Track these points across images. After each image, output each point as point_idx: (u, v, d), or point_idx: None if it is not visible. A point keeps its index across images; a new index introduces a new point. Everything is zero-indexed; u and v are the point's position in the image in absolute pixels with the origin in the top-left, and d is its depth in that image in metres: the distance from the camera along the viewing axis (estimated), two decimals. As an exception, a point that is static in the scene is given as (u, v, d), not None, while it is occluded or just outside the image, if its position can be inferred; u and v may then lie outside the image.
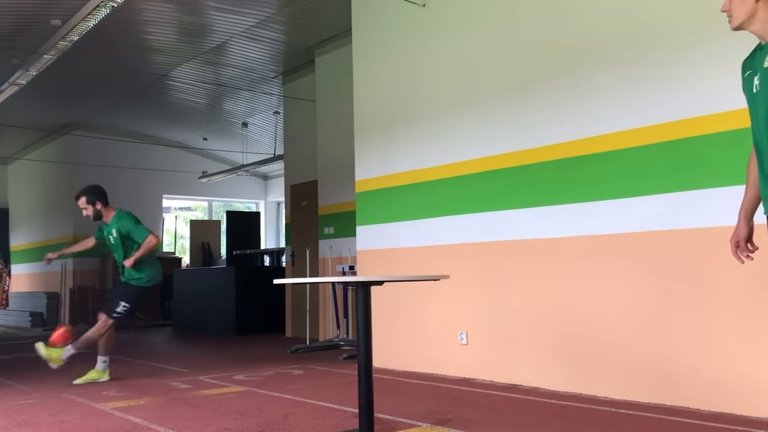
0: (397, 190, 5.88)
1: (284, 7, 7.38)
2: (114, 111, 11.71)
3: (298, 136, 9.43)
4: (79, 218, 12.88)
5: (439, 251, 5.46)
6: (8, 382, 5.55)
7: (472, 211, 5.20)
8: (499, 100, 5.04)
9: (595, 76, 4.41)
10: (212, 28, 7.99)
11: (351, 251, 7.47)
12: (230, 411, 4.11)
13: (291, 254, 9.13)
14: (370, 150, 6.19)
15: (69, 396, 4.82)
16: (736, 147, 3.68)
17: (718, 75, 3.80)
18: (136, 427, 3.74)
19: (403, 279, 3.60)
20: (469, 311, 5.17)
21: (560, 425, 3.55)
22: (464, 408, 4.00)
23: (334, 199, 8.11)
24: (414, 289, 5.57)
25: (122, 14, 7.06)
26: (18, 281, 15.26)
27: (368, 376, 3.11)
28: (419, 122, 5.70)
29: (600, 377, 4.27)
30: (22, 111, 11.25)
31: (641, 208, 4.11)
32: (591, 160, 4.43)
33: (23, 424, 3.87)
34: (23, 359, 7.39)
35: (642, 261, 4.11)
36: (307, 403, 4.30)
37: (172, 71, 9.49)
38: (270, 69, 9.49)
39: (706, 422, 3.45)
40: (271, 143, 12.68)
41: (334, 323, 7.58)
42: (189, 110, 11.73)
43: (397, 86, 5.97)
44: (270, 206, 16.14)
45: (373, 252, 6.08)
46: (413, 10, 5.75)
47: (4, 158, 15.56)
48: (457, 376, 5.16)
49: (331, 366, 6.01)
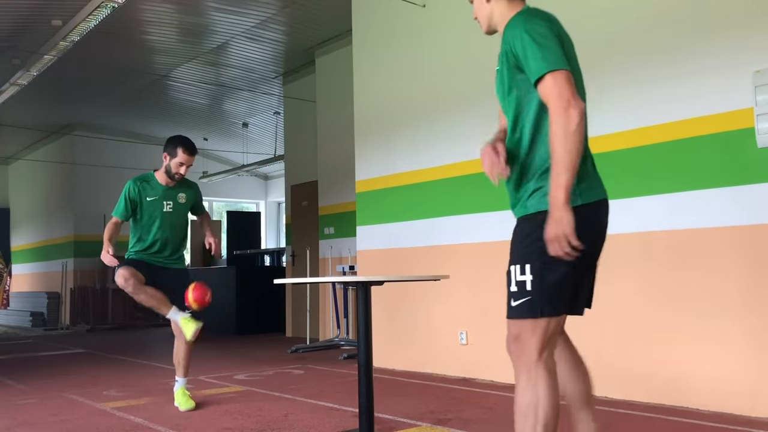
0: (397, 190, 5.88)
1: (284, 8, 7.39)
2: (114, 111, 11.72)
3: (299, 137, 9.44)
4: (79, 218, 13.00)
5: (439, 251, 5.46)
6: (9, 382, 5.56)
7: (472, 211, 5.20)
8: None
9: (595, 76, 4.40)
10: (213, 28, 7.99)
11: (351, 251, 7.48)
12: (230, 411, 4.11)
13: (291, 254, 9.14)
14: (370, 150, 6.20)
15: (69, 396, 4.82)
16: (737, 147, 3.69)
17: (718, 75, 3.81)
18: (136, 427, 3.75)
19: (403, 279, 3.60)
20: (469, 311, 5.17)
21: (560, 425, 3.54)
22: (464, 408, 4.00)
23: (335, 199, 8.12)
24: (414, 289, 5.58)
25: (123, 15, 7.07)
26: (18, 281, 15.28)
27: (368, 376, 3.11)
28: (419, 122, 5.70)
29: (599, 377, 4.26)
30: (22, 111, 11.27)
31: (641, 208, 4.12)
32: (591, 160, 4.42)
33: (24, 424, 3.88)
34: (23, 359, 7.40)
35: (642, 261, 4.11)
36: (307, 403, 4.30)
37: (172, 71, 9.50)
38: (270, 69, 9.50)
39: (706, 422, 3.45)
40: (271, 143, 12.69)
41: (334, 323, 7.59)
42: (189, 110, 11.74)
43: (397, 86, 5.97)
44: (270, 206, 16.15)
45: (373, 252, 6.09)
46: (413, 10, 5.75)
47: (5, 158, 15.57)
48: (457, 376, 5.16)
49: (331, 366, 6.02)
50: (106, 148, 12.76)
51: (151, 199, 4.21)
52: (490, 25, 2.30)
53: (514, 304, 2.07)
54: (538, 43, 1.99)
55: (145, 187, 4.23)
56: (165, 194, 4.26)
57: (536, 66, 1.98)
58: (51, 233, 13.76)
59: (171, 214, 4.26)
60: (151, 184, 4.25)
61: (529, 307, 2.01)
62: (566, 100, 1.93)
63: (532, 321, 2.01)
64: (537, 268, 2.00)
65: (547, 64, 1.96)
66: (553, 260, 1.95)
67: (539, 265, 1.99)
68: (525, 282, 2.02)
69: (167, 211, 4.25)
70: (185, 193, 4.37)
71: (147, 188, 4.23)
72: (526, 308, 2.02)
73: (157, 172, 4.30)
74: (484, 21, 2.30)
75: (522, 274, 2.03)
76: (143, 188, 4.22)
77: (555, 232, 1.91)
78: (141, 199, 4.20)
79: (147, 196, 4.21)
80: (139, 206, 4.20)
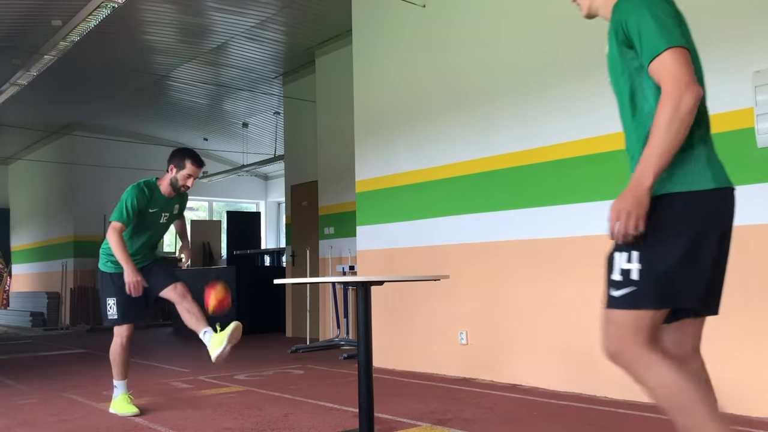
0: (397, 190, 5.88)
1: (284, 8, 7.39)
2: (114, 111, 11.72)
3: (299, 137, 9.44)
4: (79, 218, 13.00)
5: (439, 251, 5.46)
6: (9, 382, 5.56)
7: (472, 211, 5.20)
8: (500, 100, 5.04)
9: (596, 77, 4.41)
10: (212, 28, 7.99)
11: (351, 251, 7.48)
12: (230, 411, 4.11)
13: (291, 254, 9.14)
14: (370, 150, 6.20)
15: (69, 396, 4.82)
16: (737, 147, 3.69)
17: (718, 75, 3.80)
18: (136, 426, 3.75)
19: (403, 279, 3.60)
20: (469, 311, 5.17)
21: (560, 425, 3.56)
22: (464, 408, 4.00)
23: (335, 199, 8.12)
24: (414, 289, 5.58)
25: (123, 15, 7.07)
26: (18, 281, 15.28)
27: (368, 376, 3.11)
28: (419, 122, 5.70)
29: (600, 377, 4.27)
30: (22, 111, 11.26)
31: (641, 208, 4.11)
32: (591, 160, 4.43)
33: (24, 424, 3.88)
34: (23, 359, 7.40)
35: (642, 261, 4.10)
36: (307, 403, 4.30)
37: (172, 72, 9.50)
38: (270, 69, 9.50)
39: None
40: (271, 143, 12.69)
41: (334, 323, 7.59)
42: (189, 110, 11.74)
43: (397, 87, 5.97)
44: (270, 206, 16.15)
45: (373, 252, 6.09)
46: (413, 10, 5.75)
47: (4, 158, 15.57)
48: (457, 376, 5.16)
49: (331, 366, 6.02)
50: (106, 148, 12.76)
51: (153, 211, 4.12)
52: (591, 8, 2.14)
53: (616, 294, 1.87)
54: (656, 17, 1.80)
55: (151, 198, 4.11)
56: (164, 206, 4.19)
57: (653, 42, 1.79)
58: (51, 233, 13.76)
59: (163, 225, 4.25)
60: (155, 195, 4.14)
61: (634, 298, 1.82)
62: (684, 82, 1.75)
63: (636, 312, 1.83)
64: (647, 255, 1.80)
65: (666, 41, 1.78)
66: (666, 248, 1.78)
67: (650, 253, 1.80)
68: (630, 270, 1.82)
69: (162, 222, 4.22)
70: (179, 203, 4.31)
71: (152, 198, 4.12)
72: (631, 299, 1.83)
73: (161, 182, 4.17)
74: (585, 3, 2.15)
75: (628, 261, 1.83)
76: (150, 198, 4.10)
77: (627, 209, 1.77)
78: (146, 208, 4.08)
79: (150, 207, 4.10)
80: (141, 215, 4.07)
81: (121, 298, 4.04)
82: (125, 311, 4.07)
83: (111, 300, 4.06)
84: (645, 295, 1.82)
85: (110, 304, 4.06)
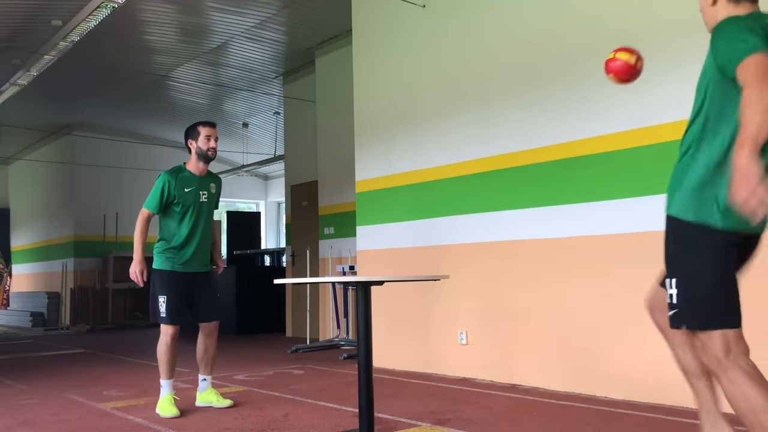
0: (397, 190, 5.88)
1: (284, 8, 7.39)
2: (114, 111, 11.71)
3: (299, 137, 9.44)
4: (79, 218, 13.00)
5: (439, 251, 5.46)
6: (9, 382, 5.56)
7: (472, 211, 5.20)
8: (499, 100, 5.04)
9: (596, 77, 4.41)
10: (212, 28, 7.99)
11: (351, 251, 7.48)
12: (230, 411, 4.11)
13: (291, 254, 9.14)
14: (370, 150, 6.20)
15: (69, 396, 4.82)
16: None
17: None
18: (136, 427, 3.75)
19: (403, 279, 3.61)
20: (469, 311, 5.17)
21: (560, 425, 3.56)
22: (464, 408, 4.00)
23: (334, 199, 8.12)
24: (414, 289, 5.58)
25: (123, 15, 7.07)
26: (19, 281, 15.28)
27: (368, 376, 3.12)
28: (419, 122, 5.71)
29: (599, 377, 4.28)
30: (22, 111, 11.26)
31: (641, 208, 4.12)
32: (591, 160, 4.43)
33: (24, 424, 3.88)
34: (23, 359, 7.41)
35: (642, 261, 4.10)
36: (307, 403, 4.30)
37: (172, 72, 9.50)
38: (270, 69, 9.50)
39: (705, 422, 3.45)
40: (271, 143, 12.69)
41: (334, 323, 7.59)
42: (189, 110, 11.73)
43: (397, 86, 5.97)
44: (270, 206, 16.15)
45: (373, 252, 6.09)
46: (413, 10, 5.75)
47: (5, 158, 15.57)
48: (457, 376, 5.17)
49: (331, 366, 6.02)
50: (106, 148, 12.76)
51: (188, 190, 4.16)
52: (712, 26, 2.28)
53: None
54: (736, 37, 1.99)
55: (182, 178, 4.17)
56: (200, 184, 4.23)
57: (734, 55, 1.96)
58: (51, 233, 13.76)
59: (205, 204, 4.24)
60: (186, 176, 4.20)
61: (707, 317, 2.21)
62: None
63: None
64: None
65: (747, 49, 1.94)
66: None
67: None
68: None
69: (203, 200, 4.22)
70: (214, 182, 4.38)
71: (184, 180, 4.17)
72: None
73: (188, 163, 4.27)
74: (709, 23, 2.29)
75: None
76: (181, 180, 4.15)
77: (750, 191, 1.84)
78: (180, 191, 4.13)
79: (185, 187, 4.15)
80: (177, 198, 4.12)
81: (171, 296, 4.10)
82: (173, 311, 4.11)
83: (162, 297, 4.10)
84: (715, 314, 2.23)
85: (161, 302, 4.10)
